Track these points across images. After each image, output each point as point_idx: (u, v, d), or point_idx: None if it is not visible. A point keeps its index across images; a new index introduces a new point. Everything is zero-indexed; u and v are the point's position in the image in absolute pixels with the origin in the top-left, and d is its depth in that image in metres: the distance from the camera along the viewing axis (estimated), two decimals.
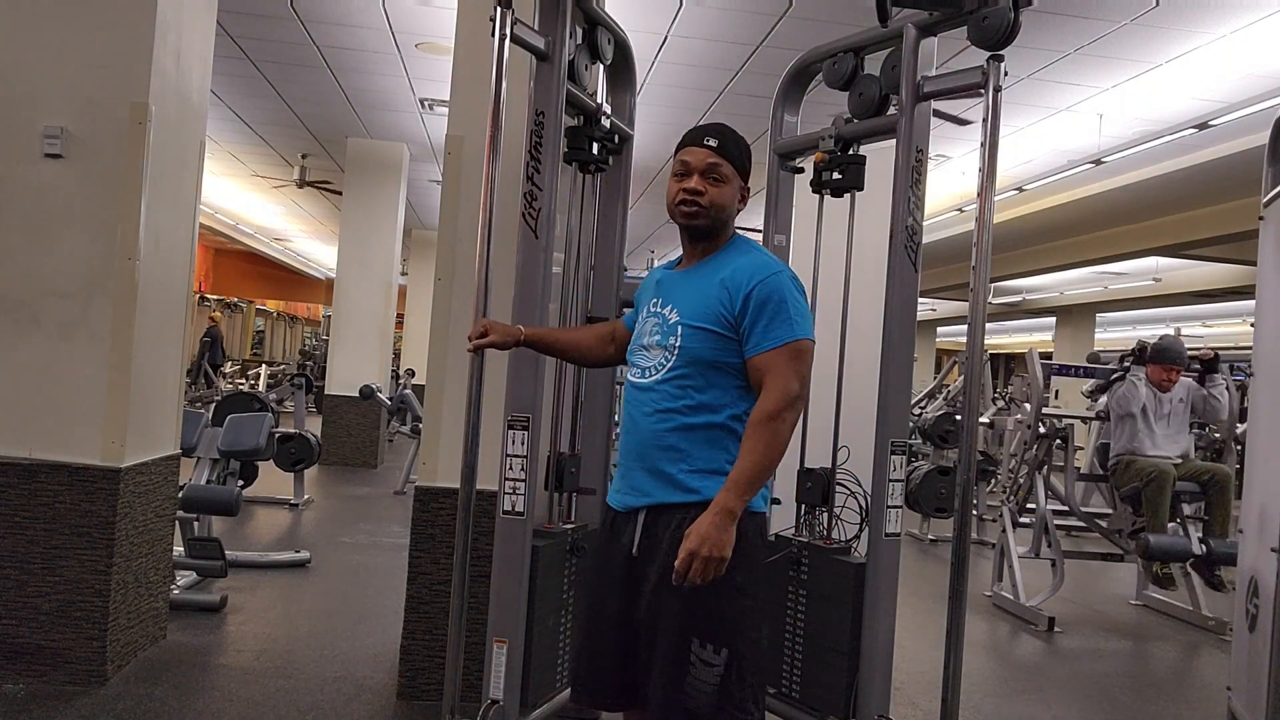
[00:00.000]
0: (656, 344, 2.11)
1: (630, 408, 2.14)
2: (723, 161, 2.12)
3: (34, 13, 3.39)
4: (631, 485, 2.12)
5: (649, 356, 2.12)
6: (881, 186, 2.89)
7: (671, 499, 2.06)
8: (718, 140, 2.13)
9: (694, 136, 2.16)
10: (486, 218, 2.50)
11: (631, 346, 2.21)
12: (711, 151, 2.12)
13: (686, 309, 2.09)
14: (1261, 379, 3.47)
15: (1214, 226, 9.91)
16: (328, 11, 6.17)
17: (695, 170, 2.12)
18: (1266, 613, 2.99)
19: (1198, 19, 5.41)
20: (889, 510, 2.77)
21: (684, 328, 2.08)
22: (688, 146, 2.15)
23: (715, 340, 2.05)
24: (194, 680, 3.54)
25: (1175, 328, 18.91)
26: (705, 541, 1.92)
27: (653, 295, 2.20)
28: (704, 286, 2.10)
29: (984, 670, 4.52)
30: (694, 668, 1.98)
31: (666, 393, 2.07)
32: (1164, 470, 5.25)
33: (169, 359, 3.77)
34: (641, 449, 2.10)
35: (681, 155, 2.15)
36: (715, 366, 2.06)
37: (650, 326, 2.15)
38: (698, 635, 1.99)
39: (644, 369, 2.12)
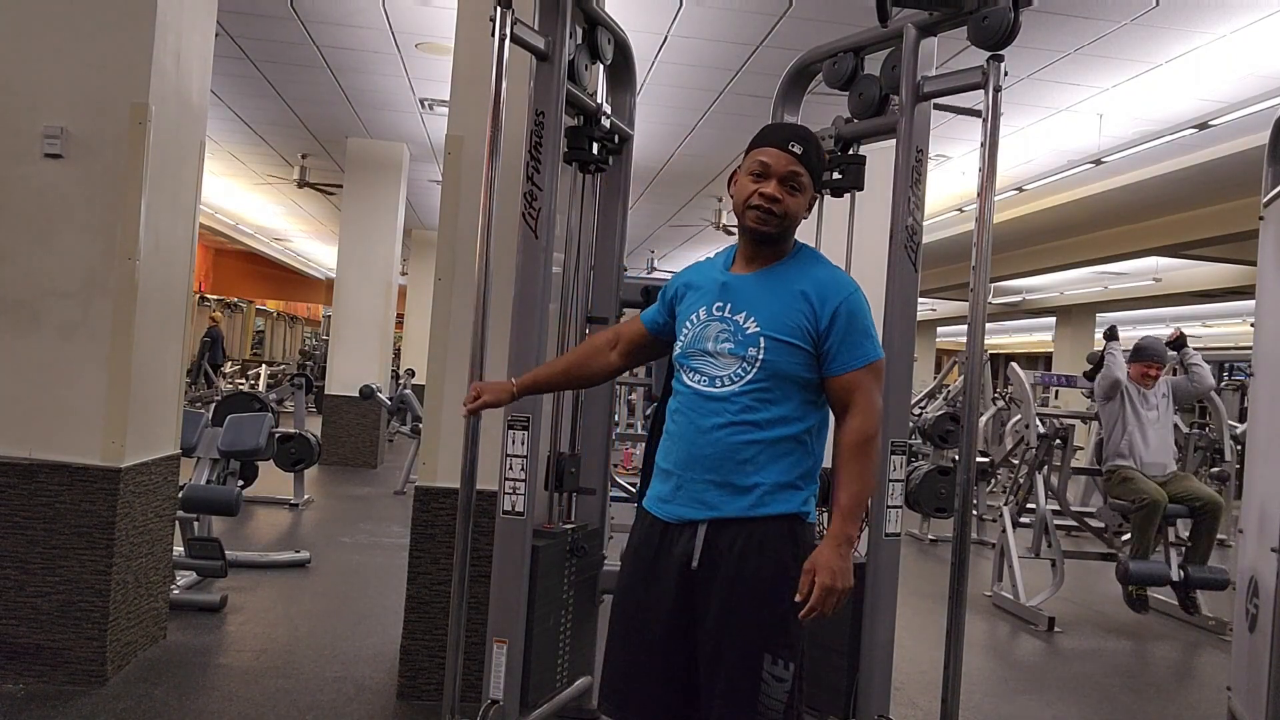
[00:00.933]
0: (730, 352, 2.00)
1: (694, 415, 2.02)
2: (804, 170, 2.02)
3: (34, 13, 3.39)
4: (693, 497, 2.01)
5: (719, 364, 2.01)
6: (881, 186, 2.90)
7: (742, 513, 1.98)
8: (802, 147, 2.02)
9: (777, 137, 2.04)
10: (486, 218, 2.51)
11: (686, 349, 2.06)
12: (795, 159, 2.01)
13: (767, 319, 2.00)
14: (1261, 379, 3.47)
15: (1214, 226, 9.91)
16: (328, 11, 6.17)
17: (775, 175, 2.01)
18: (1266, 613, 2.99)
19: (1198, 19, 5.41)
20: (889, 510, 2.78)
21: (767, 339, 1.99)
22: (768, 147, 2.03)
23: (798, 354, 1.99)
24: (194, 680, 3.54)
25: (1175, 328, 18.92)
26: (838, 575, 1.89)
27: (714, 297, 2.06)
28: (782, 296, 2.02)
29: (984, 670, 4.51)
30: (765, 684, 1.94)
31: (744, 404, 1.98)
32: (1156, 501, 5.25)
33: (169, 359, 3.77)
34: (708, 460, 1.99)
35: (760, 155, 2.03)
36: (794, 380, 2.00)
37: (716, 331, 2.03)
38: (770, 651, 1.95)
39: (714, 377, 2.01)
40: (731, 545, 1.98)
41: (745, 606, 1.96)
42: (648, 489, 2.15)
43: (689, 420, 2.03)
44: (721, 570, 1.98)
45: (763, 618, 1.96)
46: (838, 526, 1.94)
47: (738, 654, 1.96)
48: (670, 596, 2.02)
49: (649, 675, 2.05)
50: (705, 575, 1.99)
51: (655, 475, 2.12)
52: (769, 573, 1.97)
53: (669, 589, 2.02)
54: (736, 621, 1.96)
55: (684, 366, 2.07)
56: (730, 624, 1.97)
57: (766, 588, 1.96)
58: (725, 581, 1.97)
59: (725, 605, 1.97)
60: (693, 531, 2.01)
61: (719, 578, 1.98)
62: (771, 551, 1.98)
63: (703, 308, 2.08)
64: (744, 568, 1.96)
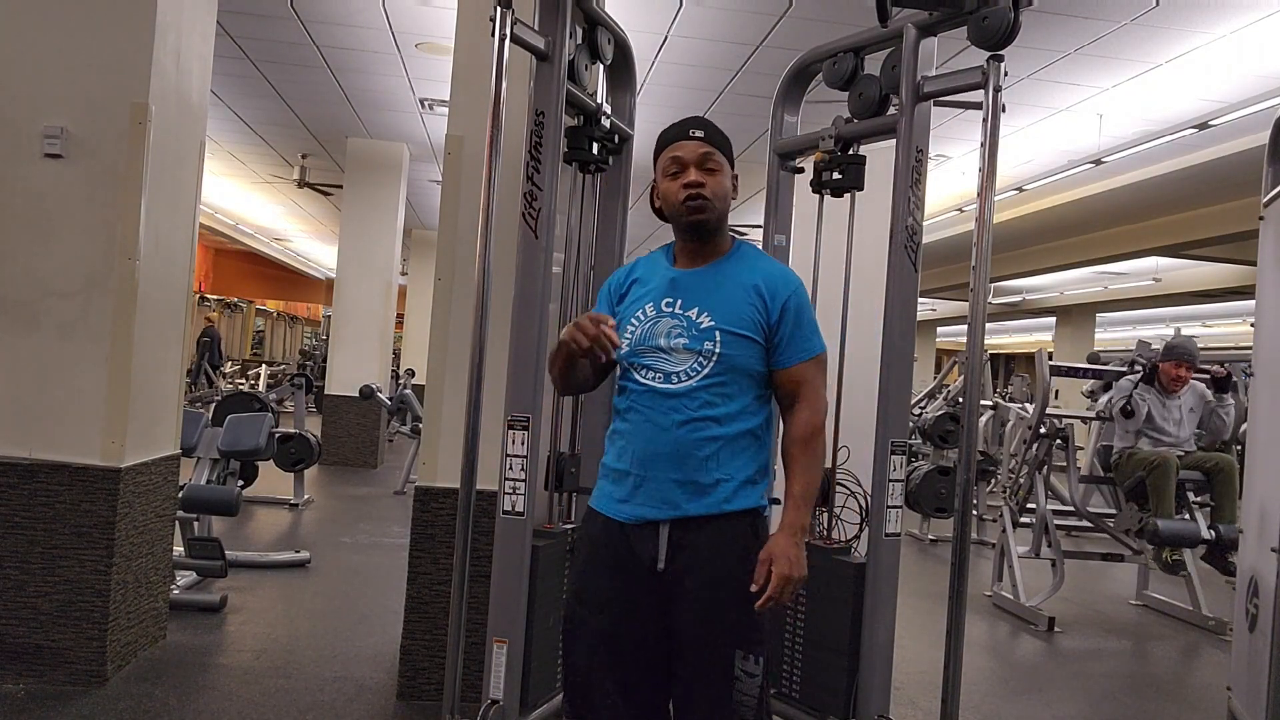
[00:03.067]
0: (685, 347, 1.99)
1: (651, 413, 1.99)
2: (713, 149, 2.06)
3: (34, 13, 3.39)
4: (653, 496, 1.98)
5: (674, 360, 1.99)
6: (881, 186, 2.89)
7: (707, 511, 1.97)
8: (703, 130, 2.07)
9: (677, 131, 2.09)
10: (486, 218, 2.51)
11: (636, 347, 2.03)
12: (701, 141, 2.05)
13: (721, 314, 2.00)
14: (1261, 379, 3.47)
15: (1214, 226, 9.91)
16: (328, 11, 6.17)
17: (690, 164, 2.04)
18: (1266, 613, 2.99)
19: (1198, 19, 5.41)
20: (889, 510, 2.77)
21: (722, 334, 1.99)
22: (676, 142, 2.07)
23: (752, 348, 2.01)
24: (194, 680, 3.54)
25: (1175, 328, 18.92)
26: (794, 564, 1.90)
27: (663, 293, 2.05)
28: (734, 290, 2.03)
29: (984, 670, 4.52)
30: (739, 681, 1.94)
31: (704, 399, 1.97)
32: (1166, 457, 5.21)
33: (169, 359, 3.77)
34: (669, 458, 1.97)
35: (671, 152, 2.06)
36: (748, 374, 2.01)
37: (668, 327, 2.01)
38: (741, 646, 1.95)
39: (669, 373, 1.99)
40: (697, 544, 1.97)
41: (717, 605, 1.96)
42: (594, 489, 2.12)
43: (645, 418, 2.00)
44: (689, 570, 1.96)
45: (734, 615, 1.95)
46: (792, 516, 1.95)
47: (711, 653, 1.96)
48: (636, 598, 1.99)
49: (617, 677, 2.01)
50: (672, 576, 1.97)
51: (605, 475, 2.08)
52: (738, 569, 1.96)
53: (634, 591, 1.99)
54: (709, 621, 1.96)
55: (635, 364, 2.04)
56: (703, 623, 1.96)
57: (736, 584, 1.94)
58: (695, 581, 1.96)
59: (697, 605, 1.96)
60: (654, 532, 1.98)
61: (687, 577, 1.96)
62: (738, 548, 1.98)
63: (649, 304, 2.06)
64: (713, 566, 1.96)
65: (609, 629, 2.01)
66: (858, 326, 3.04)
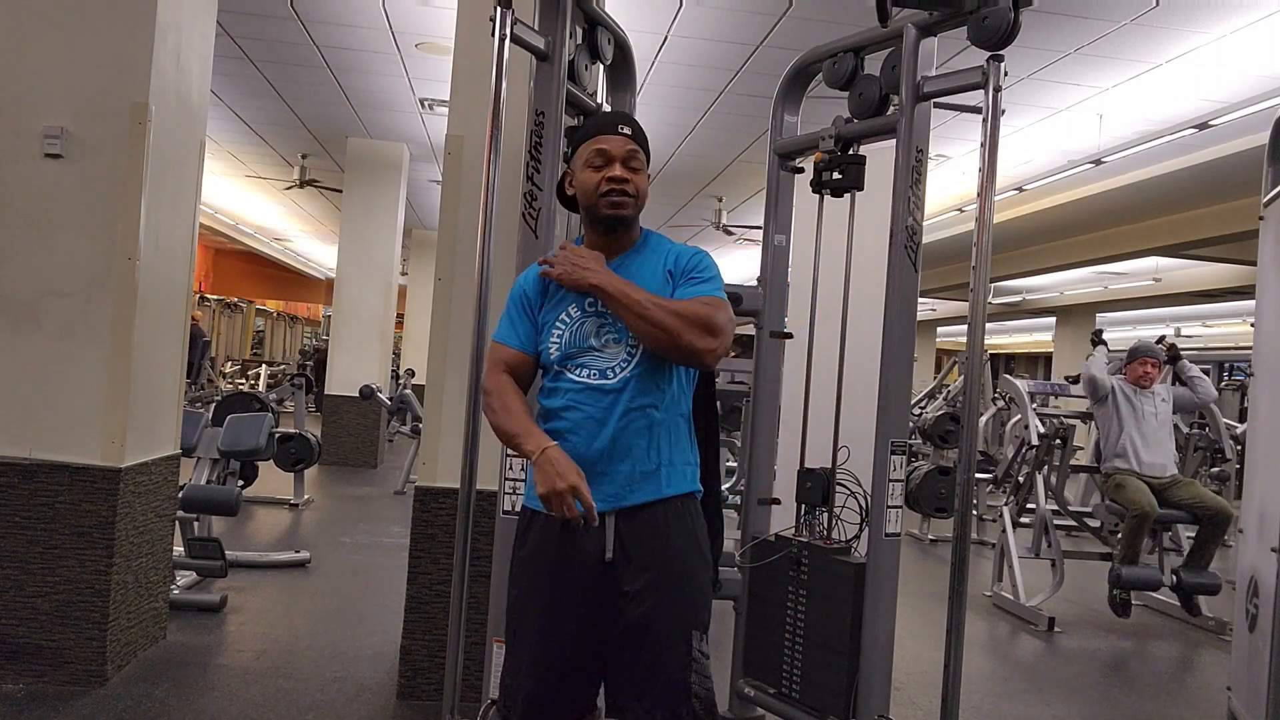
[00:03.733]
0: (613, 341, 2.02)
1: (592, 410, 1.99)
2: (638, 148, 2.08)
3: (34, 13, 3.39)
4: (598, 490, 1.94)
5: (604, 356, 2.02)
6: (881, 186, 2.90)
7: (650, 498, 2.00)
8: (631, 128, 2.09)
9: (606, 124, 2.10)
10: (486, 218, 2.50)
11: (567, 350, 2.03)
12: (628, 139, 2.06)
13: None
14: (1261, 379, 3.47)
15: (1214, 226, 9.91)
16: (328, 11, 6.17)
17: (616, 159, 2.05)
18: (1266, 613, 2.99)
19: (1198, 19, 5.41)
20: (889, 510, 2.77)
21: None
22: (603, 135, 2.07)
23: None
24: (194, 680, 3.54)
25: (1175, 327, 18.92)
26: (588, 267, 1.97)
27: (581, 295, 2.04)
28: (648, 278, 2.04)
29: (984, 670, 4.51)
30: (695, 663, 1.97)
31: (636, 388, 2.00)
32: (1145, 513, 5.24)
33: (169, 359, 3.77)
34: (613, 451, 1.98)
35: (597, 144, 2.06)
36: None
37: (595, 326, 2.03)
38: (697, 628, 2.00)
39: (602, 369, 2.01)
40: (644, 531, 1.99)
41: (670, 587, 1.98)
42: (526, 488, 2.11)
43: (586, 415, 2.00)
44: (639, 557, 1.98)
45: (688, 596, 2.00)
46: (612, 277, 1.99)
47: (668, 637, 1.97)
48: (583, 592, 1.99)
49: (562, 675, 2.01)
50: (621, 565, 1.98)
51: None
52: (686, 550, 2.01)
53: (581, 585, 1.99)
54: (665, 604, 1.97)
55: (568, 365, 2.04)
56: (659, 608, 1.96)
57: (687, 565, 2.01)
58: (646, 566, 1.98)
59: (650, 590, 1.97)
60: (603, 525, 1.97)
61: (636, 564, 1.98)
62: (684, 529, 2.03)
63: (572, 305, 2.07)
64: (662, 550, 1.99)
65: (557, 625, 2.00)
66: (858, 326, 3.04)
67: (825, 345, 3.15)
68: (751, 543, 3.27)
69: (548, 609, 2.02)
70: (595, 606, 1.99)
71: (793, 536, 3.11)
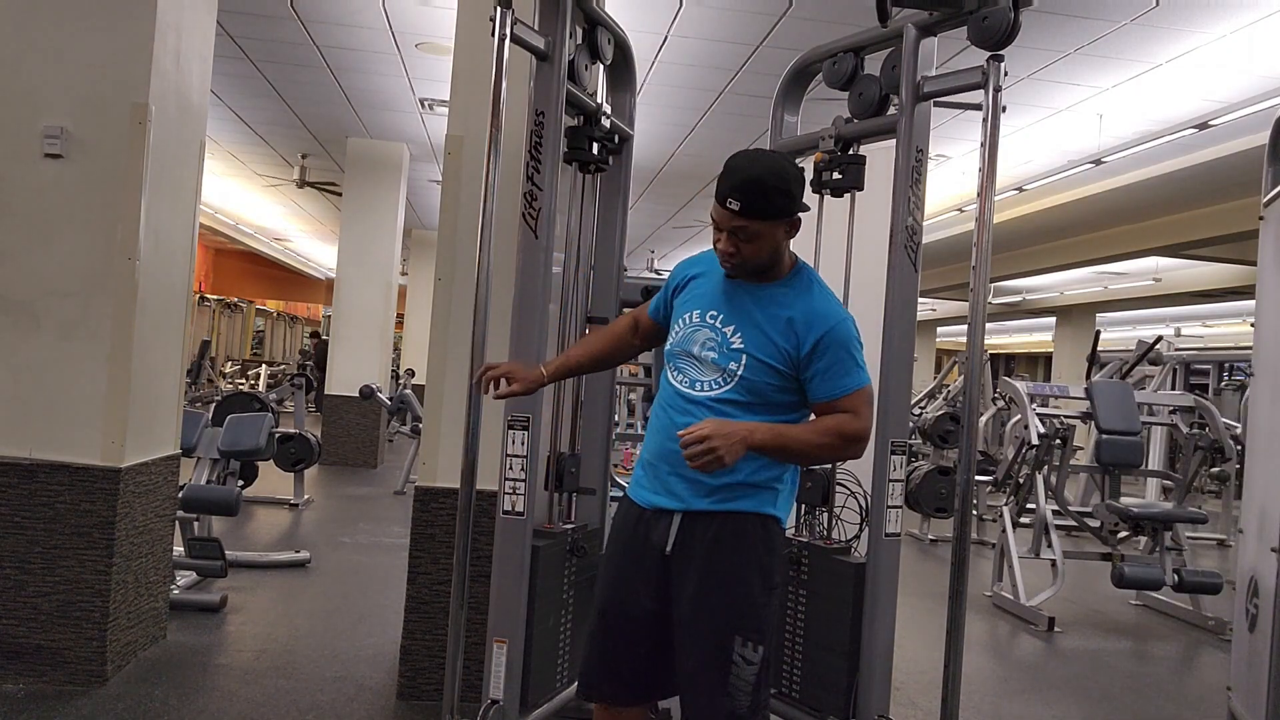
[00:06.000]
0: (713, 362, 2.08)
1: (671, 412, 2.11)
2: (748, 223, 2.02)
3: (34, 12, 3.39)
4: (666, 488, 2.10)
5: (701, 370, 2.09)
6: (881, 186, 2.89)
7: (710, 508, 2.07)
8: (740, 203, 2.01)
9: (720, 190, 2.05)
10: (486, 218, 2.51)
11: (675, 348, 2.15)
12: (733, 215, 2.02)
13: (752, 339, 2.07)
14: (1261, 379, 3.46)
15: (1214, 226, 9.91)
16: (328, 11, 6.17)
17: (724, 230, 2.06)
18: (1266, 613, 2.99)
19: (1198, 19, 5.41)
20: (889, 510, 2.77)
21: (749, 359, 2.06)
22: (716, 201, 2.05)
23: (775, 376, 2.07)
24: (194, 680, 3.54)
25: (1175, 327, 18.92)
26: (724, 437, 1.92)
27: (710, 304, 2.13)
28: (771, 319, 2.08)
29: (984, 670, 4.52)
30: (736, 666, 2.02)
31: (719, 411, 2.05)
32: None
33: (169, 359, 3.77)
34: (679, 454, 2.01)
35: (712, 210, 2.07)
36: (769, 401, 2.08)
37: (704, 339, 2.10)
38: (741, 633, 2.03)
39: (694, 380, 2.10)
40: (704, 534, 2.07)
41: (717, 589, 2.05)
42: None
43: (668, 416, 2.12)
44: (694, 556, 2.07)
45: (734, 600, 2.05)
46: (755, 424, 2.01)
47: (710, 635, 2.04)
48: (648, 580, 2.11)
49: (628, 655, 2.14)
50: (679, 560, 2.08)
51: (638, 464, 2.22)
52: (739, 559, 2.07)
53: (647, 573, 2.11)
54: (709, 603, 2.05)
55: (670, 365, 2.16)
56: (703, 606, 2.05)
57: (738, 572, 2.06)
58: (698, 566, 2.06)
59: (698, 588, 2.06)
60: (669, 519, 2.10)
61: (692, 563, 2.07)
62: (742, 541, 2.07)
63: (697, 310, 2.15)
64: (715, 553, 2.06)
65: (625, 607, 2.14)
66: (858, 326, 3.04)
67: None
68: None
69: (615, 588, 2.17)
70: (658, 594, 2.10)
71: (793, 536, 3.11)
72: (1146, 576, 5.31)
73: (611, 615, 2.17)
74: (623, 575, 2.16)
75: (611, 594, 2.18)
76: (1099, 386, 6.15)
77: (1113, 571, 5.31)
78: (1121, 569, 5.24)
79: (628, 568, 2.15)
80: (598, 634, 2.19)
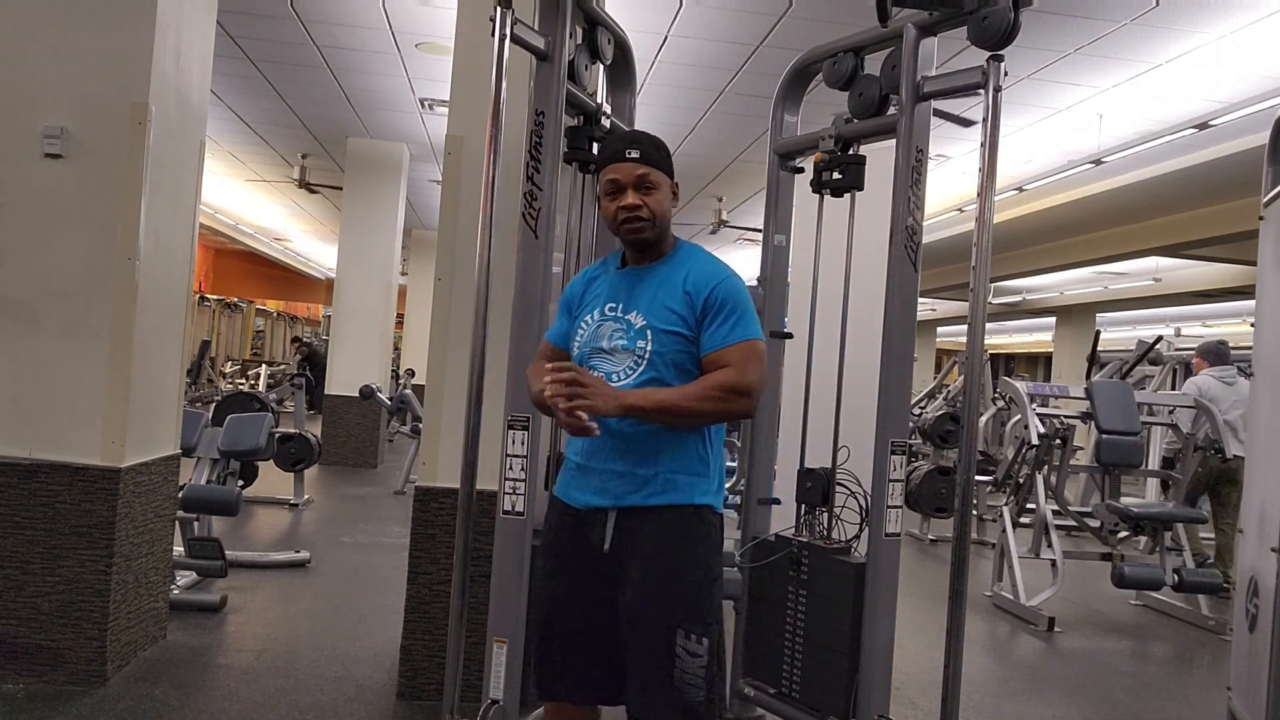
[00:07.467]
0: (622, 348, 2.11)
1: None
2: (650, 169, 2.13)
3: (34, 13, 3.39)
4: (600, 486, 2.12)
5: (615, 360, 2.12)
6: (881, 186, 2.89)
7: (645, 502, 2.08)
8: (639, 150, 2.13)
9: (614, 152, 2.15)
10: (486, 218, 2.50)
11: (584, 349, 2.18)
12: (636, 163, 2.12)
13: (654, 313, 2.11)
14: (1261, 379, 3.46)
15: (1214, 226, 9.91)
16: (328, 11, 6.17)
17: (626, 185, 2.12)
18: (1266, 613, 2.99)
19: (1198, 19, 5.41)
20: (889, 510, 2.77)
21: (654, 332, 2.09)
22: (611, 164, 2.14)
23: (681, 342, 2.09)
24: (194, 680, 3.54)
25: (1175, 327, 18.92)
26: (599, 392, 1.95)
27: (607, 299, 2.18)
28: (665, 290, 2.12)
29: (984, 670, 4.51)
30: (680, 659, 2.02)
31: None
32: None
33: (169, 359, 3.77)
34: (610, 451, 2.09)
35: (608, 174, 2.14)
36: (684, 370, 2.10)
37: (609, 330, 2.14)
38: (682, 626, 2.03)
39: (610, 373, 2.11)
40: (640, 529, 2.08)
41: (656, 584, 2.05)
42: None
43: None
44: (632, 551, 2.08)
45: (673, 594, 2.05)
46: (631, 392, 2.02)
47: (651, 630, 2.04)
48: (588, 580, 2.13)
49: (577, 654, 2.14)
50: (617, 557, 2.09)
51: (565, 466, 2.23)
52: (677, 552, 2.07)
53: (586, 573, 2.13)
54: (649, 599, 2.05)
55: (585, 366, 2.16)
56: (643, 601, 2.06)
57: (675, 566, 2.06)
58: (637, 562, 2.07)
59: (638, 583, 2.06)
60: (604, 518, 2.11)
61: (632, 558, 2.08)
62: (679, 533, 2.08)
63: (596, 309, 2.19)
64: (653, 548, 2.06)
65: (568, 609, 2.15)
66: (858, 326, 3.04)
67: (825, 345, 3.15)
68: (751, 543, 3.27)
69: (555, 590, 2.18)
70: (598, 593, 2.11)
71: (793, 536, 3.12)
72: (1146, 576, 5.31)
73: (555, 617, 2.17)
74: (565, 580, 2.16)
75: (552, 597, 2.18)
76: (1099, 386, 6.15)
77: (1113, 571, 5.32)
78: (1121, 569, 5.25)
79: (569, 569, 2.16)
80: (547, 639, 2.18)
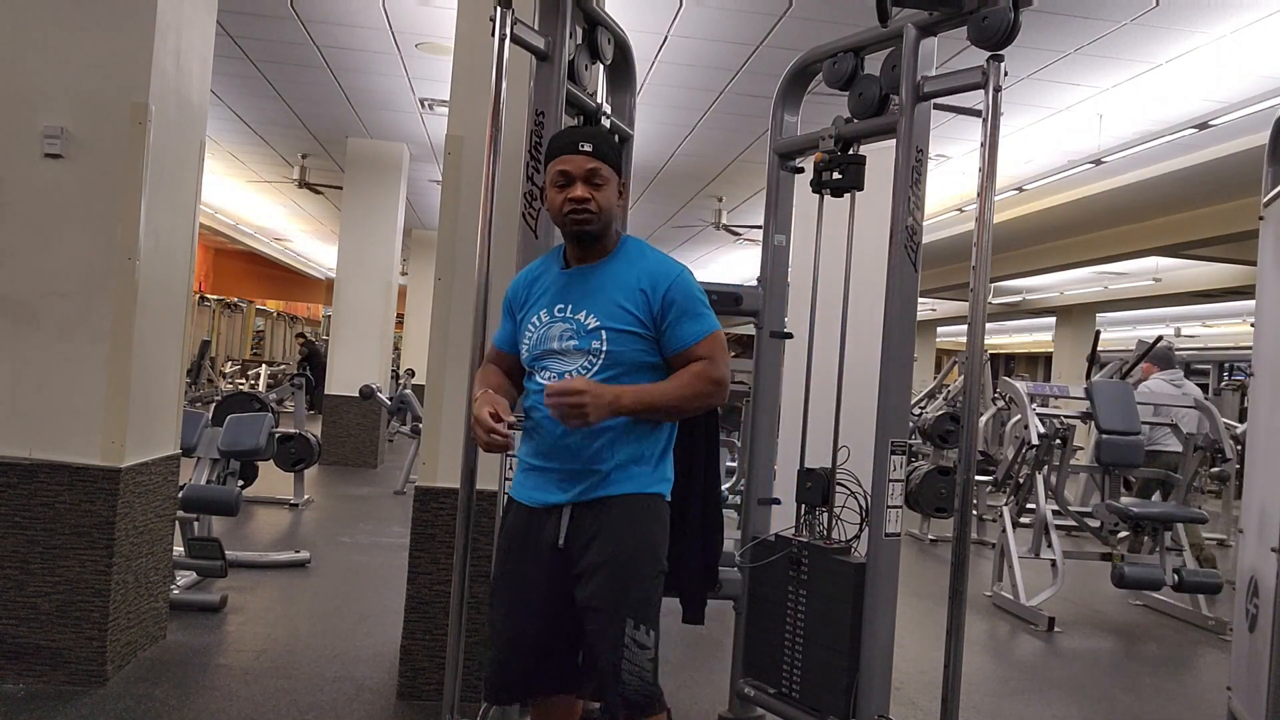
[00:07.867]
0: (575, 349, 2.12)
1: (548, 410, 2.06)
2: (600, 165, 2.14)
3: (34, 13, 3.39)
4: (554, 484, 2.14)
5: (567, 361, 2.13)
6: (881, 186, 2.90)
7: (600, 495, 2.11)
8: (592, 144, 2.14)
9: (567, 144, 2.16)
10: (486, 218, 2.50)
11: (534, 351, 2.17)
12: (589, 156, 2.13)
13: (606, 314, 2.11)
14: (1261, 379, 3.46)
15: (1214, 226, 9.91)
16: (328, 11, 6.17)
17: (576, 178, 2.12)
18: (1266, 613, 2.99)
19: (1198, 19, 5.41)
20: (889, 510, 2.77)
21: (608, 332, 2.10)
22: (563, 155, 2.15)
23: (639, 342, 2.12)
24: (194, 680, 3.54)
25: (1175, 327, 18.92)
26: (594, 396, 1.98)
27: (554, 299, 2.18)
28: (617, 289, 2.13)
29: (984, 670, 4.51)
30: (628, 650, 2.04)
31: None
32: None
33: (169, 359, 3.77)
34: (568, 449, 2.11)
35: (558, 165, 2.15)
36: (639, 367, 2.12)
37: (559, 331, 2.14)
38: (633, 616, 2.06)
39: (562, 373, 2.12)
40: (594, 522, 2.11)
41: (609, 575, 2.08)
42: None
43: (546, 414, 2.10)
44: (586, 545, 2.10)
45: (625, 584, 2.08)
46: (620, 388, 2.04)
47: (605, 620, 2.07)
48: (544, 577, 2.14)
49: (530, 657, 2.17)
50: (572, 552, 2.12)
51: (520, 467, 2.25)
52: (630, 542, 2.10)
53: (542, 570, 2.15)
54: (602, 590, 2.08)
55: (535, 367, 2.18)
56: (598, 592, 2.08)
57: (628, 556, 2.09)
58: (591, 555, 2.10)
59: (591, 576, 2.09)
60: (558, 514, 2.13)
61: (586, 551, 2.10)
62: (631, 524, 2.11)
63: (544, 310, 2.19)
64: (606, 540, 2.09)
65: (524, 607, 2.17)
66: (858, 326, 3.04)
67: (825, 345, 3.15)
68: (751, 543, 3.27)
69: (513, 588, 2.19)
70: (555, 588, 2.13)
71: (793, 536, 3.12)
72: (1146, 576, 5.32)
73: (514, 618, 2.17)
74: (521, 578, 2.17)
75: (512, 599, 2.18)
76: (1099, 386, 6.15)
77: (1113, 571, 5.32)
78: (1121, 569, 5.25)
79: (524, 569, 2.17)
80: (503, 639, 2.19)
